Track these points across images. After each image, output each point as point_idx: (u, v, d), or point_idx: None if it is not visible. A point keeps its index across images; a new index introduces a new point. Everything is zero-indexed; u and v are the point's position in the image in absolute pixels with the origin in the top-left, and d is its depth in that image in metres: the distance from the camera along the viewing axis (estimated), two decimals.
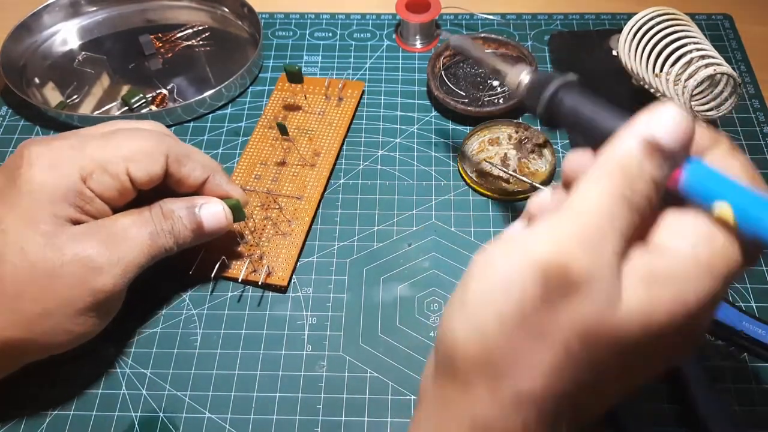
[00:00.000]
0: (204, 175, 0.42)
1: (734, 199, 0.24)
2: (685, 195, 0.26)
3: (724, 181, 0.25)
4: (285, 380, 0.42)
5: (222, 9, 0.64)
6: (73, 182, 0.37)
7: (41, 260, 0.36)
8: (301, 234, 0.48)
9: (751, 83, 0.58)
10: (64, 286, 0.36)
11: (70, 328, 0.38)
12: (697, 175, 0.26)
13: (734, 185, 0.25)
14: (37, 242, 0.36)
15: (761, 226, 0.24)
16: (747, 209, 0.24)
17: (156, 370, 0.43)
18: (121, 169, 0.38)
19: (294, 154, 0.52)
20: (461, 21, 0.64)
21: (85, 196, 0.38)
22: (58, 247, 0.36)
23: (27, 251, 0.36)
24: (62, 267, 0.36)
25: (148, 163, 0.39)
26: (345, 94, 0.56)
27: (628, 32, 0.51)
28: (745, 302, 0.45)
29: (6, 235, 0.36)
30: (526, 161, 0.52)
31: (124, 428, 0.40)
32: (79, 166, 0.38)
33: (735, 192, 0.25)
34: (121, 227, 0.39)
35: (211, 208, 0.42)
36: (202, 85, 0.59)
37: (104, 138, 0.39)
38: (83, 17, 0.64)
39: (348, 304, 0.45)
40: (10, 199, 0.37)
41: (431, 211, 0.50)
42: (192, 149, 0.42)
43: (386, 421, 0.40)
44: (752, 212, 0.24)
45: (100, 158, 0.38)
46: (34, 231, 0.36)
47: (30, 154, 0.37)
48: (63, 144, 0.38)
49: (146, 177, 0.39)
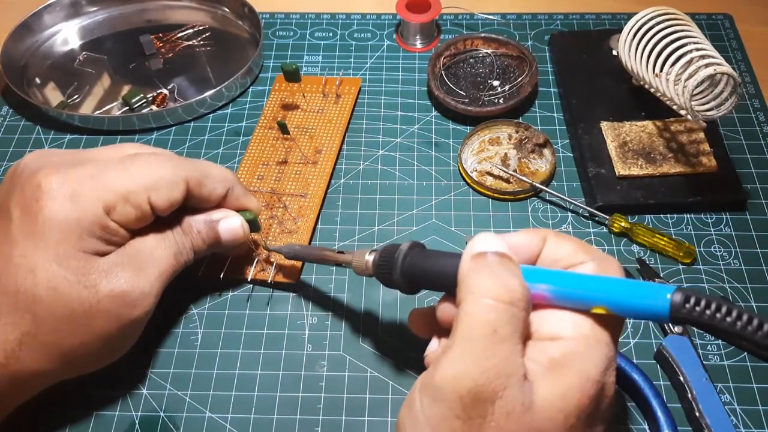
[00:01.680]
0: (224, 191, 0.41)
1: (559, 283, 0.29)
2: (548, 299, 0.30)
3: (548, 274, 0.30)
4: (285, 380, 0.42)
5: (222, 9, 0.65)
6: (98, 216, 0.36)
7: (76, 299, 0.35)
8: (308, 231, 0.48)
9: (751, 83, 0.58)
10: (100, 321, 0.36)
11: (104, 356, 0.39)
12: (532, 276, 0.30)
13: (555, 273, 0.30)
14: (69, 281, 0.35)
15: (580, 297, 0.29)
16: (568, 290, 0.29)
17: (156, 370, 0.43)
18: (143, 198, 0.37)
19: (295, 152, 0.52)
20: (461, 21, 0.64)
21: (111, 228, 0.37)
22: (91, 285, 0.36)
23: (60, 290, 0.35)
24: (98, 304, 0.36)
25: (168, 190, 0.38)
26: (342, 91, 0.56)
27: (628, 32, 0.51)
28: (745, 302, 0.45)
29: (35, 274, 0.35)
30: (527, 161, 0.52)
31: (125, 428, 0.40)
32: (102, 199, 0.36)
33: (557, 277, 0.29)
34: (149, 253, 0.38)
35: (229, 223, 0.42)
36: (203, 85, 0.59)
37: (123, 165, 0.38)
38: (84, 17, 0.64)
39: (348, 304, 0.45)
40: (34, 234, 0.35)
41: (431, 211, 0.50)
42: (208, 166, 0.41)
43: (386, 420, 0.40)
44: (569, 292, 0.29)
45: (122, 189, 0.37)
46: (65, 269, 0.35)
47: (50, 186, 0.35)
48: (82, 173, 0.37)
49: (167, 204, 0.38)
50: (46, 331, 0.35)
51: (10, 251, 0.35)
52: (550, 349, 0.28)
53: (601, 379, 0.28)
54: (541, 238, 0.31)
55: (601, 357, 0.28)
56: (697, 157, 0.50)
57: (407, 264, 0.34)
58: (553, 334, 0.29)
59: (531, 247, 0.31)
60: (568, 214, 0.50)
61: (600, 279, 0.29)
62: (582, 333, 0.28)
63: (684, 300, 0.26)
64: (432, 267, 0.33)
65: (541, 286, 0.29)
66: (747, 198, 0.49)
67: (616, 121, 0.52)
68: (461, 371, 0.27)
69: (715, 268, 0.46)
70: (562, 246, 0.31)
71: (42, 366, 0.36)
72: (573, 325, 0.28)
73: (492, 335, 0.27)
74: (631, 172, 0.49)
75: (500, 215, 0.50)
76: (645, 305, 0.27)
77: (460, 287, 0.29)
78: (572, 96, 0.55)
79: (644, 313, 0.28)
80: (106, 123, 0.55)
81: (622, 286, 0.28)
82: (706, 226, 0.49)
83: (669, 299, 0.26)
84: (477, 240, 0.31)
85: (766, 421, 0.40)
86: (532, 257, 0.31)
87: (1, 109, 0.58)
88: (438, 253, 0.33)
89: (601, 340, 0.28)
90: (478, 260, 0.30)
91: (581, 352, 0.28)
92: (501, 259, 0.30)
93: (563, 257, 0.31)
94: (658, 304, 0.27)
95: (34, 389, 0.38)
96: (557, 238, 0.31)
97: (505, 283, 0.28)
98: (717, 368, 0.42)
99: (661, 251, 0.47)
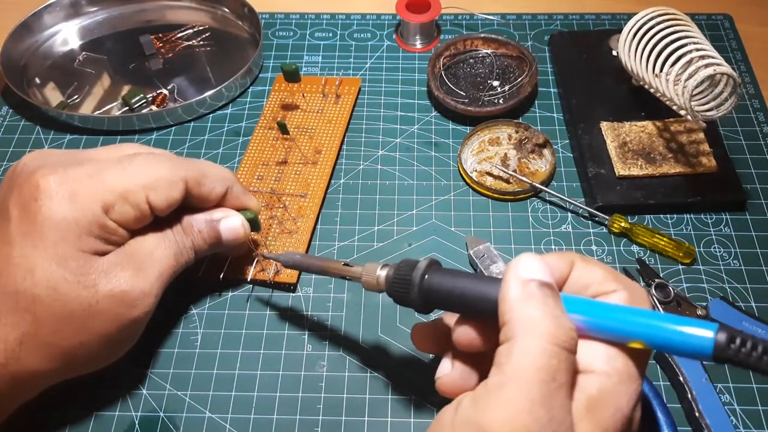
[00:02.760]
0: (223, 190, 0.41)
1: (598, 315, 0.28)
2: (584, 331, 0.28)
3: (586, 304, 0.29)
4: (285, 380, 0.42)
5: (222, 9, 0.65)
6: (96, 215, 0.36)
7: (75, 299, 0.35)
8: (308, 231, 0.48)
9: (751, 83, 0.58)
10: (100, 321, 0.36)
11: (104, 356, 0.39)
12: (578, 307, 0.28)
13: (592, 303, 0.29)
14: (68, 280, 0.35)
15: (618, 331, 0.28)
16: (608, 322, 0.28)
17: (156, 370, 0.43)
18: (142, 198, 0.37)
19: (295, 153, 0.52)
20: (461, 21, 0.64)
21: (109, 228, 0.36)
22: (90, 284, 0.35)
23: (59, 290, 0.35)
24: (98, 304, 0.36)
25: (167, 190, 0.38)
26: (342, 91, 0.56)
27: (628, 32, 0.51)
28: (745, 302, 0.45)
29: (34, 274, 0.35)
30: (526, 161, 0.52)
31: (125, 428, 0.40)
32: (100, 198, 0.36)
33: (593, 307, 0.28)
34: (148, 253, 0.38)
35: (230, 222, 0.42)
36: (203, 85, 0.59)
37: (121, 165, 0.38)
38: (84, 17, 0.64)
39: (348, 304, 0.45)
40: (33, 234, 0.35)
41: (431, 211, 0.50)
42: (207, 166, 0.41)
43: (386, 421, 0.40)
44: (606, 324, 0.28)
45: (120, 188, 0.37)
46: (64, 269, 0.35)
47: (48, 186, 0.35)
48: (80, 173, 0.36)
49: (165, 204, 0.38)
50: (46, 332, 0.35)
51: (9, 251, 0.35)
52: (587, 386, 0.27)
53: (631, 415, 0.27)
54: (569, 262, 0.30)
55: (632, 393, 0.27)
56: (696, 158, 0.50)
57: (426, 283, 0.32)
58: (585, 366, 0.27)
59: (560, 271, 0.30)
60: (568, 215, 0.50)
61: (639, 312, 0.28)
62: (615, 368, 0.27)
63: (729, 340, 0.25)
64: (455, 288, 0.31)
65: (576, 317, 0.28)
66: (747, 198, 0.49)
67: (616, 122, 0.52)
68: (513, 416, 0.25)
69: (715, 269, 0.46)
70: (591, 272, 0.30)
71: (42, 366, 0.36)
72: (607, 358, 0.27)
73: (551, 381, 0.26)
74: (631, 172, 0.49)
75: (500, 215, 0.50)
76: (687, 343, 0.26)
77: (512, 318, 0.27)
78: (572, 96, 0.55)
79: (685, 350, 0.26)
80: (106, 123, 0.55)
81: (663, 321, 0.27)
82: (705, 226, 0.49)
83: (713, 338, 0.25)
84: (523, 264, 0.28)
85: (765, 421, 0.40)
86: (560, 282, 0.30)
87: (1, 109, 0.58)
88: (459, 273, 0.32)
89: (632, 375, 0.27)
90: (529, 290, 0.28)
91: (616, 390, 0.27)
92: (553, 293, 0.28)
93: (592, 284, 0.30)
94: (702, 343, 0.26)
95: (34, 390, 0.38)
96: (585, 263, 0.30)
97: (563, 325, 0.27)
98: (717, 368, 0.42)
99: (660, 251, 0.47)
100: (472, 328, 0.31)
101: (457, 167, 0.52)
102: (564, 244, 0.48)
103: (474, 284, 0.30)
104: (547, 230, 0.49)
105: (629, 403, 0.27)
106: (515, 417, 0.25)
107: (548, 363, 0.26)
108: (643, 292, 0.29)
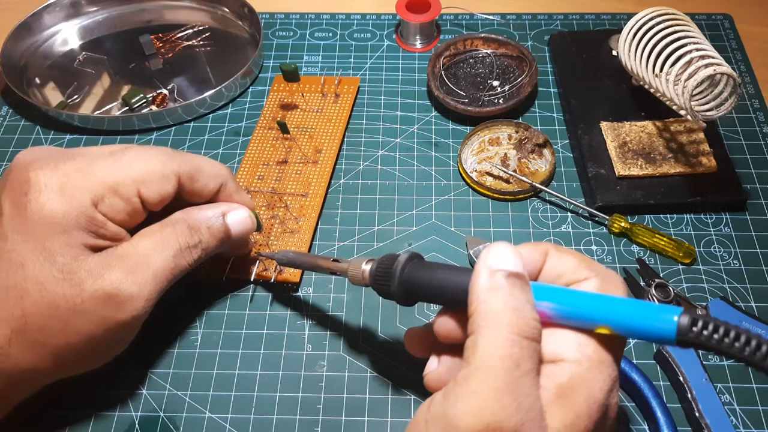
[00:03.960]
0: (217, 186, 0.41)
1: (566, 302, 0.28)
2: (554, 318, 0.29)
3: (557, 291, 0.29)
4: (285, 380, 0.42)
5: (222, 9, 0.65)
6: (85, 208, 0.35)
7: (61, 297, 0.35)
8: (309, 230, 0.48)
9: (751, 83, 0.58)
10: (85, 322, 0.35)
11: (94, 358, 0.38)
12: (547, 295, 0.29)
13: (561, 290, 0.29)
14: (55, 277, 0.35)
15: (584, 317, 0.28)
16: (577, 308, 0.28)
17: (156, 370, 0.43)
18: (132, 191, 0.37)
19: (295, 152, 0.52)
20: (461, 21, 0.64)
21: (97, 221, 0.36)
22: (76, 283, 0.35)
23: (47, 286, 0.35)
24: (83, 304, 0.35)
25: (159, 184, 0.38)
26: (341, 90, 0.56)
27: (628, 32, 0.51)
28: (745, 302, 0.45)
29: (24, 268, 0.35)
30: (526, 161, 0.52)
31: (125, 428, 0.40)
32: (89, 191, 0.36)
33: (561, 295, 0.29)
34: (143, 254, 0.37)
35: (237, 215, 0.41)
36: (203, 85, 0.59)
37: (113, 158, 0.37)
38: (84, 17, 0.64)
39: (348, 304, 0.45)
40: (22, 229, 0.35)
41: (431, 211, 0.50)
42: (201, 161, 0.41)
43: (386, 421, 0.40)
44: (572, 311, 0.28)
45: (110, 181, 0.36)
46: (51, 264, 0.35)
47: (38, 179, 0.35)
48: (70, 167, 0.36)
49: (157, 198, 0.38)
50: (34, 329, 0.35)
51: (1, 246, 0.35)
52: (556, 374, 0.27)
53: (605, 401, 0.27)
54: (542, 252, 0.31)
55: (605, 378, 0.27)
56: (696, 158, 0.50)
57: (406, 275, 0.33)
58: (556, 355, 0.28)
59: (534, 261, 0.31)
60: (568, 215, 0.50)
61: (604, 298, 0.28)
62: (586, 354, 0.28)
63: (691, 323, 0.25)
64: (433, 279, 0.32)
65: (545, 304, 0.28)
66: (747, 198, 0.49)
67: (615, 121, 0.52)
68: (479, 405, 0.26)
69: (715, 269, 0.46)
70: (564, 261, 0.30)
71: (32, 364, 0.36)
72: (577, 345, 0.28)
73: (514, 369, 0.26)
74: (631, 172, 0.49)
75: (500, 215, 0.50)
76: (651, 327, 0.26)
77: (477, 310, 0.28)
78: (572, 96, 0.55)
79: (649, 334, 0.27)
80: (106, 123, 0.55)
81: (627, 306, 0.27)
82: (705, 226, 0.49)
83: (676, 322, 0.25)
84: (494, 253, 0.29)
85: (765, 421, 0.40)
86: (534, 272, 0.31)
87: (1, 109, 0.58)
88: (438, 265, 0.32)
89: (604, 361, 0.28)
90: (495, 280, 0.28)
91: (587, 376, 0.27)
92: (521, 283, 0.28)
93: (566, 272, 0.30)
94: (665, 326, 0.26)
95: (28, 388, 0.38)
96: (559, 252, 0.31)
97: (526, 316, 0.27)
98: (717, 368, 0.42)
99: (660, 251, 0.47)
100: (452, 319, 0.31)
101: (457, 167, 0.52)
102: (564, 244, 0.48)
103: (451, 275, 0.31)
104: (547, 230, 0.49)
105: (602, 389, 0.27)
106: (482, 406, 0.26)
107: (510, 352, 0.26)
108: (616, 279, 0.30)
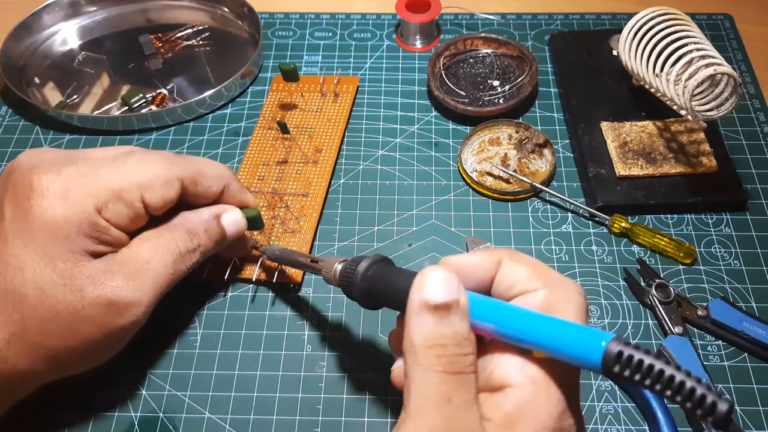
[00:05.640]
0: (220, 188, 0.41)
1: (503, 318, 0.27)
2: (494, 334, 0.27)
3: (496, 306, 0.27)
4: (285, 380, 0.42)
5: (222, 9, 0.64)
6: (88, 213, 0.35)
7: (61, 302, 0.35)
8: (311, 230, 0.48)
9: (751, 83, 0.58)
10: (86, 327, 0.36)
11: (92, 360, 0.38)
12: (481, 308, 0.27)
13: (503, 306, 0.28)
14: (55, 282, 0.35)
15: (520, 339, 0.26)
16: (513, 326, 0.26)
17: (156, 370, 0.43)
18: (136, 196, 0.37)
19: (295, 152, 0.52)
20: (461, 21, 0.64)
21: (100, 226, 0.36)
22: (77, 289, 0.35)
23: (46, 291, 0.35)
24: (83, 309, 0.35)
25: (162, 189, 0.38)
26: (341, 89, 0.56)
27: (628, 32, 0.51)
28: (745, 302, 0.45)
29: (23, 273, 0.35)
30: (527, 161, 0.52)
31: (124, 428, 0.40)
32: (93, 196, 0.36)
33: (503, 313, 0.27)
34: (143, 260, 0.37)
35: (231, 215, 0.42)
36: (202, 85, 0.59)
37: (116, 163, 0.37)
38: (83, 17, 0.64)
39: (348, 305, 0.45)
40: (24, 233, 0.35)
41: (431, 211, 0.50)
42: (203, 163, 0.41)
43: (386, 421, 0.40)
44: (510, 333, 0.27)
45: (114, 186, 0.36)
46: (52, 269, 0.35)
47: (41, 184, 0.35)
48: (74, 171, 0.36)
49: (161, 203, 0.38)
50: (33, 332, 0.35)
51: (2, 250, 0.35)
52: (503, 403, 0.26)
53: (556, 425, 0.26)
54: (495, 261, 0.29)
55: (554, 401, 0.26)
56: (697, 158, 0.50)
57: (368, 278, 0.32)
58: (501, 381, 0.27)
59: (485, 270, 0.29)
60: (568, 215, 0.50)
61: (536, 317, 0.26)
62: (530, 376, 0.26)
63: (617, 356, 0.23)
64: (390, 285, 0.31)
65: (486, 325, 0.27)
66: (747, 198, 0.49)
67: (616, 121, 0.52)
68: None
69: (716, 269, 0.46)
70: (516, 270, 0.29)
71: (29, 366, 0.36)
72: (521, 368, 0.26)
73: (446, 405, 0.25)
74: (632, 172, 0.49)
75: (500, 215, 0.49)
76: (578, 353, 0.25)
77: (405, 348, 0.27)
78: (572, 96, 0.55)
79: (578, 361, 0.25)
80: (106, 123, 0.55)
81: (555, 327, 0.25)
82: (706, 226, 0.49)
83: (603, 347, 0.24)
84: (424, 282, 0.28)
85: (766, 421, 0.40)
86: (486, 281, 0.30)
87: (1, 109, 0.58)
88: (401, 271, 0.31)
89: (551, 382, 0.26)
90: (420, 316, 0.27)
91: (532, 400, 0.26)
92: (448, 315, 0.27)
93: (516, 283, 0.29)
94: (591, 355, 0.24)
95: (25, 389, 0.38)
96: (512, 261, 0.29)
97: (450, 352, 0.26)
98: (717, 368, 0.42)
99: (661, 252, 0.47)
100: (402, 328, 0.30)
101: (457, 167, 0.52)
102: (564, 244, 0.48)
103: (407, 282, 0.30)
104: (548, 230, 0.49)
105: (551, 414, 0.26)
106: None
107: (438, 390, 0.26)
108: (569, 291, 0.28)
